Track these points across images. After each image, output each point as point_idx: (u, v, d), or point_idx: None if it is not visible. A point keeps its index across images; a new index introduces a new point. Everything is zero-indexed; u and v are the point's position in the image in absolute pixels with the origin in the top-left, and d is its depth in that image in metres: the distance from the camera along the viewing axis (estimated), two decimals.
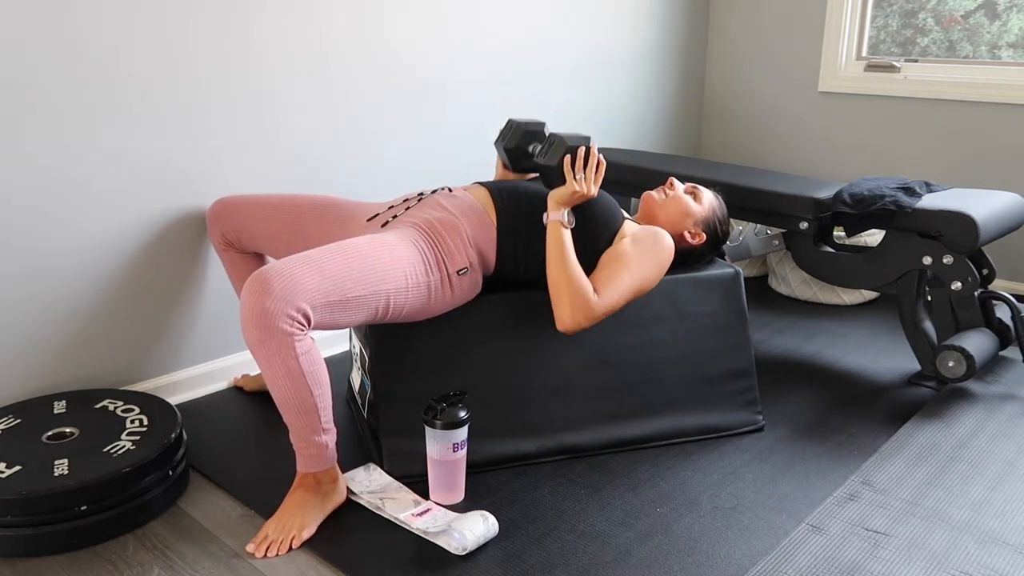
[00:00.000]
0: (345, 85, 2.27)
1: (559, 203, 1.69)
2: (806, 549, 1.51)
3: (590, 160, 1.68)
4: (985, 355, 2.06)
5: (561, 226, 1.68)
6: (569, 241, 1.68)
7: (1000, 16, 2.84)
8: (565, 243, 1.68)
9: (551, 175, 1.70)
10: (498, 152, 1.89)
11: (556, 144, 1.69)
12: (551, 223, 1.69)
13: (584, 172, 1.68)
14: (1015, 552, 1.51)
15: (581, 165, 1.67)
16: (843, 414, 2.04)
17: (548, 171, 1.70)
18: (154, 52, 1.89)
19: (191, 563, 1.48)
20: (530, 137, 1.84)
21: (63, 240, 1.84)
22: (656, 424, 1.88)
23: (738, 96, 3.43)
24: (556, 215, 1.69)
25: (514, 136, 1.84)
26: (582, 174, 1.68)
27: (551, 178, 1.71)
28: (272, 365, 1.45)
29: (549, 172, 1.70)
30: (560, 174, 1.69)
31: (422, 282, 1.61)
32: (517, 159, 1.86)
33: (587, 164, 1.69)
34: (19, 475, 1.51)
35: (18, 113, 1.73)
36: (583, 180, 1.68)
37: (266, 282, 1.43)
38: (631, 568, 1.46)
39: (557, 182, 1.70)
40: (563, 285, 1.66)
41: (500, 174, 2.00)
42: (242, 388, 2.17)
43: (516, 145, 1.84)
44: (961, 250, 2.08)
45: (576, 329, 1.66)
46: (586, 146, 1.69)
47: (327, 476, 1.59)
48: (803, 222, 2.29)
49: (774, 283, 3.00)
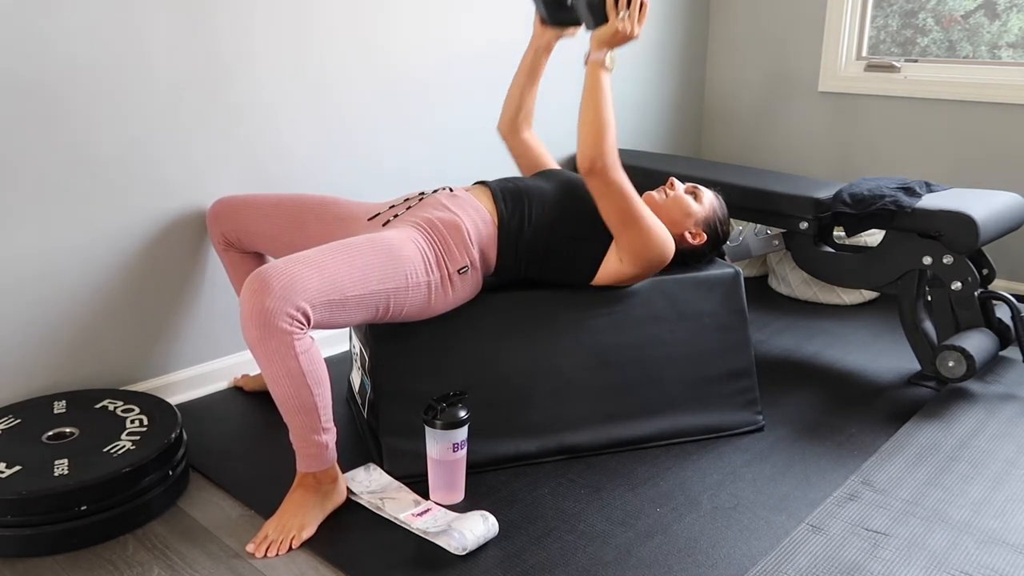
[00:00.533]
0: (343, 85, 2.27)
1: (601, 43, 1.64)
2: (806, 549, 1.51)
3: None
4: (985, 355, 2.06)
5: (601, 68, 1.63)
6: (608, 85, 1.63)
7: (1000, 16, 2.84)
8: (602, 85, 1.62)
9: (594, 13, 1.63)
10: (535, 6, 1.82)
11: None
12: (591, 64, 1.64)
13: (628, 9, 1.63)
14: (1015, 552, 1.51)
15: (625, 2, 1.62)
16: (843, 414, 2.04)
17: (590, 10, 1.63)
18: (154, 53, 1.89)
19: (191, 563, 1.48)
20: None
21: (63, 240, 1.84)
22: (656, 424, 1.88)
23: (738, 96, 3.43)
24: (597, 55, 1.64)
25: None
26: (625, 11, 1.63)
27: (594, 17, 1.64)
28: (272, 364, 1.45)
29: (592, 11, 1.63)
30: (603, 12, 1.63)
31: (422, 281, 1.61)
32: (555, 10, 1.79)
33: (631, 2, 1.63)
34: (19, 475, 1.51)
35: (19, 113, 1.73)
36: (627, 19, 1.63)
37: (266, 281, 1.43)
38: (631, 568, 1.46)
39: (600, 20, 1.64)
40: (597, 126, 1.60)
41: (537, 31, 1.91)
42: (242, 388, 2.17)
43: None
44: (961, 250, 2.08)
45: (591, 169, 1.61)
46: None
47: (327, 476, 1.59)
48: (803, 222, 2.29)
49: (774, 283, 3.00)
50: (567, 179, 1.84)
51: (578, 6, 1.67)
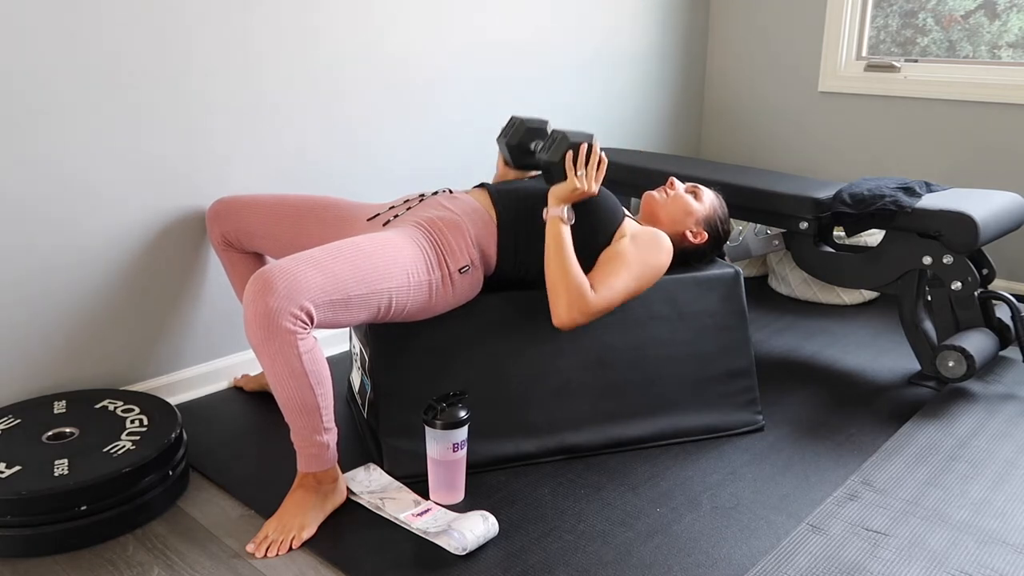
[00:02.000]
0: (345, 86, 2.27)
1: (559, 199, 1.70)
2: (806, 549, 1.51)
3: (592, 157, 1.69)
4: (985, 355, 2.06)
5: (560, 222, 1.68)
6: (568, 237, 1.69)
7: (1000, 16, 2.84)
8: (564, 239, 1.68)
9: (553, 171, 1.70)
10: (500, 148, 1.90)
11: (559, 140, 1.69)
12: (550, 218, 1.69)
13: (586, 169, 1.69)
14: (1015, 552, 1.51)
15: (583, 162, 1.68)
16: (843, 414, 2.04)
17: (550, 167, 1.70)
18: (155, 54, 1.89)
19: (191, 563, 1.48)
20: (533, 134, 1.84)
21: (63, 240, 1.84)
22: (656, 424, 1.88)
23: (738, 96, 3.43)
24: (556, 211, 1.69)
25: (517, 133, 1.84)
26: (584, 171, 1.68)
27: (553, 174, 1.71)
28: (275, 364, 1.45)
29: (551, 168, 1.70)
30: (562, 170, 1.69)
31: (423, 280, 1.61)
32: (519, 156, 1.86)
33: (588, 162, 1.69)
34: (19, 475, 1.51)
35: (20, 114, 1.73)
36: (584, 177, 1.68)
37: (269, 281, 1.43)
38: (631, 568, 1.46)
39: (559, 178, 1.70)
40: (560, 281, 1.66)
41: (501, 171, 2.00)
42: (242, 388, 2.17)
43: (519, 142, 1.84)
44: (961, 250, 2.08)
45: (571, 325, 1.67)
46: (588, 143, 1.69)
47: (327, 476, 1.59)
48: (803, 222, 2.29)
49: (774, 283, 3.00)
50: None
51: (540, 163, 1.74)
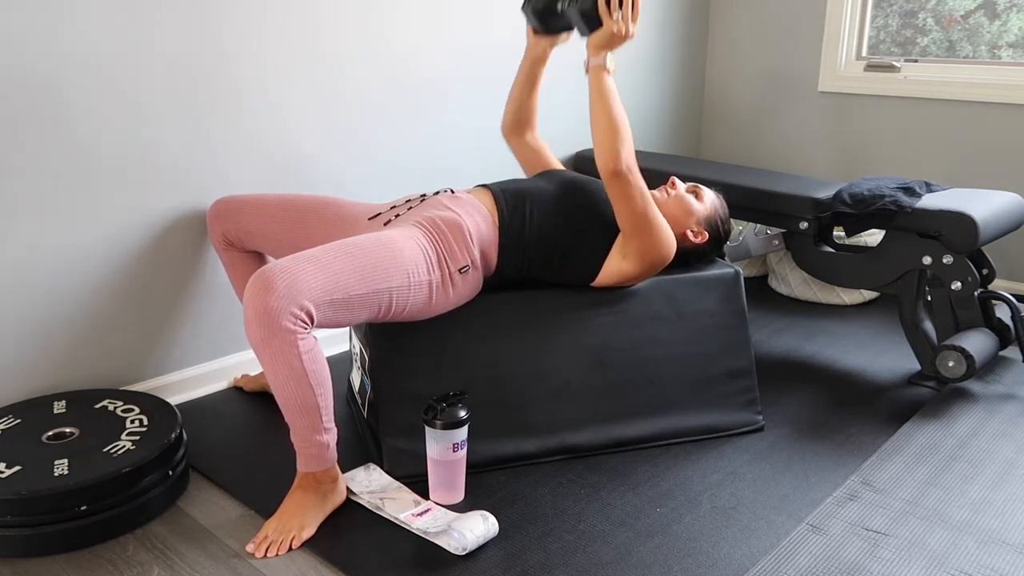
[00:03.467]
0: (346, 85, 2.27)
1: (599, 47, 1.65)
2: (806, 549, 1.51)
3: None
4: (985, 355, 2.06)
5: (603, 71, 1.63)
6: (613, 85, 1.63)
7: (1000, 16, 2.84)
8: (608, 86, 1.62)
9: (587, 19, 1.64)
10: (526, 18, 1.83)
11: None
12: (593, 69, 1.64)
13: (621, 10, 1.63)
14: (1015, 552, 1.51)
15: (617, 3, 1.63)
16: (843, 414, 2.04)
17: (584, 15, 1.64)
18: (155, 53, 1.89)
19: (191, 563, 1.48)
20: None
21: (63, 240, 1.84)
22: (656, 424, 1.88)
23: (738, 96, 3.43)
24: (597, 60, 1.64)
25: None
26: (619, 12, 1.63)
27: (588, 22, 1.65)
28: (275, 364, 1.45)
29: (585, 16, 1.64)
30: (596, 16, 1.63)
31: (424, 280, 1.61)
32: (547, 18, 1.79)
33: (622, 2, 1.64)
34: (19, 475, 1.51)
35: (20, 114, 1.73)
36: (620, 19, 1.63)
37: (269, 280, 1.43)
38: (631, 568, 1.46)
39: (595, 25, 1.65)
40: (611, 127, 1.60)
41: (532, 42, 1.91)
42: (242, 388, 2.17)
43: (545, 4, 1.77)
44: (961, 250, 2.08)
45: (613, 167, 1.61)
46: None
47: (327, 476, 1.59)
48: (803, 222, 2.29)
49: (774, 283, 3.00)
50: (568, 179, 1.84)
51: (570, 13, 1.67)
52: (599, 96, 1.63)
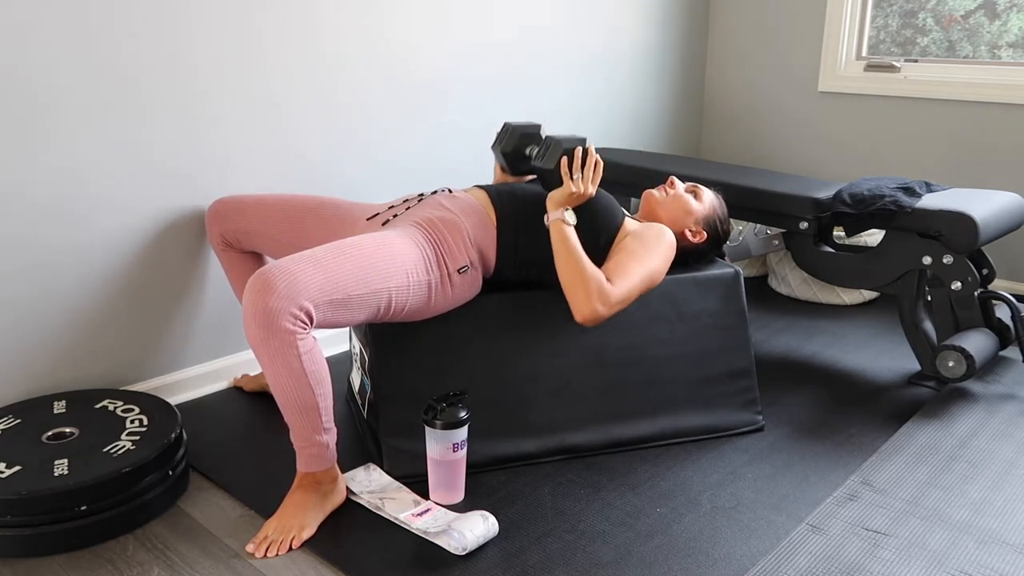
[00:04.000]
0: (345, 85, 2.27)
1: (558, 204, 1.70)
2: (806, 549, 1.51)
3: (587, 160, 1.69)
4: (985, 355, 2.06)
5: (563, 224, 1.68)
6: (574, 236, 1.68)
7: (1000, 16, 2.84)
8: (570, 238, 1.67)
9: (549, 177, 1.71)
10: (495, 156, 1.90)
11: (552, 147, 1.70)
12: (553, 223, 1.69)
13: (582, 172, 1.69)
14: (1015, 552, 1.51)
15: (579, 165, 1.68)
16: (843, 414, 2.04)
17: (546, 173, 1.71)
18: (155, 53, 1.89)
19: (191, 563, 1.48)
20: (527, 140, 1.84)
21: (63, 240, 1.84)
22: (656, 424, 1.88)
23: (738, 96, 3.43)
24: (556, 214, 1.69)
25: (511, 140, 1.84)
26: (580, 174, 1.68)
27: (549, 180, 1.71)
28: (274, 364, 1.45)
29: (547, 175, 1.71)
30: (558, 176, 1.69)
31: (423, 280, 1.61)
32: (515, 162, 1.86)
33: (584, 164, 1.69)
34: (19, 475, 1.51)
35: (21, 114, 1.73)
36: (580, 180, 1.68)
37: (269, 281, 1.43)
38: (631, 568, 1.46)
39: (555, 184, 1.71)
40: (577, 277, 1.64)
41: (499, 178, 1.99)
42: (242, 388, 2.17)
43: (513, 148, 1.84)
44: (961, 250, 2.08)
45: (595, 318, 1.64)
46: (583, 147, 1.69)
47: (327, 476, 1.59)
48: (803, 222, 2.29)
49: (774, 283, 3.00)
50: None
51: (535, 170, 1.74)
52: (561, 248, 1.67)
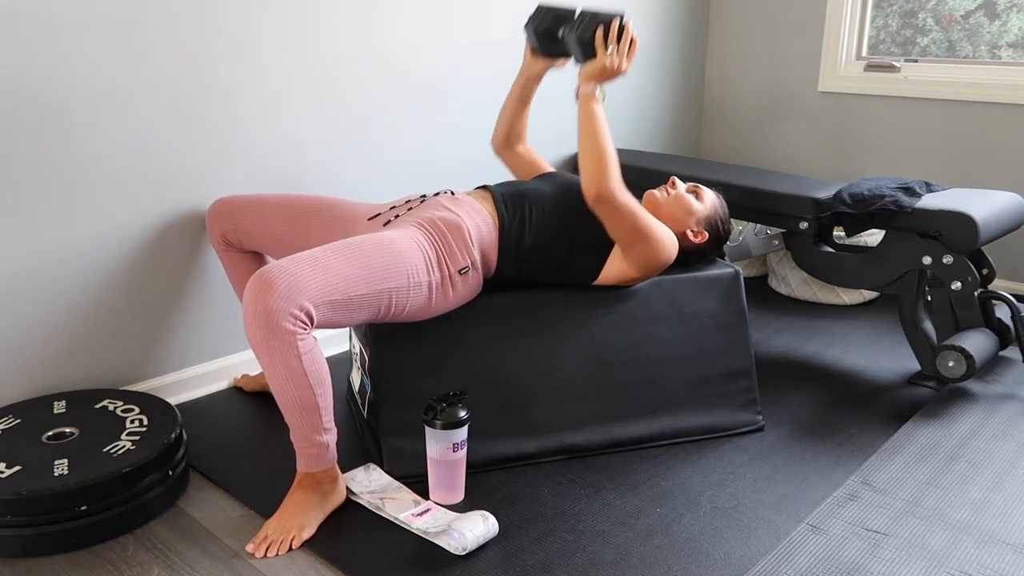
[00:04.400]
0: (345, 85, 2.27)
1: (591, 77, 1.67)
2: (806, 549, 1.51)
3: (624, 35, 1.66)
4: (985, 355, 2.06)
5: (593, 100, 1.65)
6: (602, 113, 1.65)
7: (1000, 16, 2.84)
8: (597, 114, 1.64)
9: (583, 48, 1.67)
10: (527, 37, 1.86)
11: (589, 19, 1.66)
12: (583, 97, 1.66)
13: (617, 46, 1.65)
14: (1015, 552, 1.51)
15: (614, 38, 1.65)
16: (843, 414, 2.04)
17: (580, 44, 1.67)
18: (154, 54, 1.89)
19: (191, 563, 1.48)
20: (560, 20, 1.79)
21: (63, 241, 1.84)
22: (656, 424, 1.88)
23: (738, 96, 3.43)
24: (587, 87, 1.66)
25: (544, 19, 1.80)
26: (615, 47, 1.65)
27: (583, 52, 1.68)
28: (274, 364, 1.45)
29: (581, 45, 1.67)
30: (592, 47, 1.66)
31: (423, 281, 1.61)
32: (546, 42, 1.82)
33: (620, 39, 1.66)
34: (19, 475, 1.51)
35: (18, 115, 1.73)
36: (615, 54, 1.65)
37: (269, 281, 1.43)
38: (631, 568, 1.46)
39: (589, 55, 1.67)
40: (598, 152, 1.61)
41: (528, 61, 1.94)
42: (242, 388, 2.17)
43: (546, 28, 1.80)
44: (961, 250, 2.08)
45: (599, 195, 1.62)
46: (620, 20, 1.66)
47: (327, 476, 1.59)
48: (803, 222, 2.29)
49: (774, 283, 3.00)
50: (567, 182, 1.84)
51: (568, 41, 1.70)
52: (586, 123, 1.65)
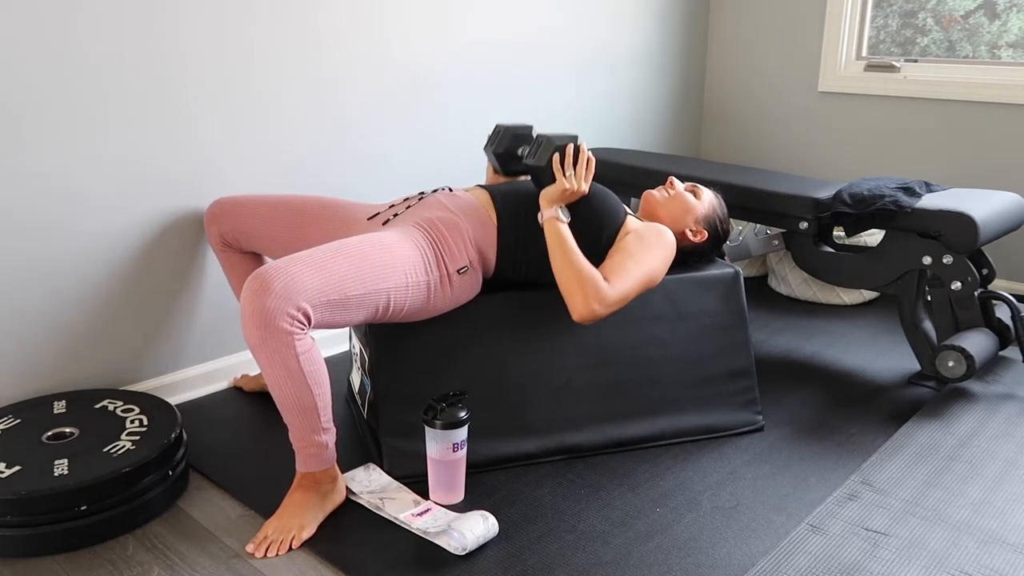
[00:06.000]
0: (343, 85, 2.27)
1: (551, 201, 1.70)
2: (806, 549, 1.51)
3: (579, 157, 1.70)
4: (985, 355, 2.06)
5: (557, 221, 1.68)
6: (568, 233, 1.68)
7: (1000, 16, 2.84)
8: (564, 236, 1.67)
9: (541, 175, 1.72)
10: (488, 157, 1.91)
11: (544, 144, 1.71)
12: (547, 221, 1.69)
13: (574, 169, 1.69)
14: (1015, 552, 1.51)
15: (571, 163, 1.69)
16: (843, 414, 2.04)
17: (538, 171, 1.72)
18: (152, 54, 1.89)
19: (191, 563, 1.48)
20: (518, 140, 1.85)
21: (63, 241, 1.84)
22: (656, 424, 1.88)
23: (738, 96, 3.43)
24: (550, 212, 1.69)
25: (502, 141, 1.85)
26: (572, 171, 1.69)
27: (541, 178, 1.73)
28: (272, 364, 1.45)
29: (539, 172, 1.72)
30: (550, 173, 1.70)
31: (422, 281, 1.61)
32: (507, 163, 1.88)
33: (576, 162, 1.70)
34: (19, 475, 1.51)
35: (17, 116, 1.73)
36: (573, 177, 1.69)
37: (266, 281, 1.43)
38: (631, 568, 1.46)
39: (547, 181, 1.72)
40: (572, 275, 1.64)
41: (491, 179, 2.01)
42: (242, 388, 2.16)
43: (505, 149, 1.86)
44: (961, 250, 2.08)
45: (592, 317, 1.63)
46: (575, 144, 1.70)
47: (326, 476, 1.59)
48: (803, 222, 2.29)
49: (774, 283, 3.00)
50: None
51: (527, 168, 1.75)
52: (557, 247, 1.67)
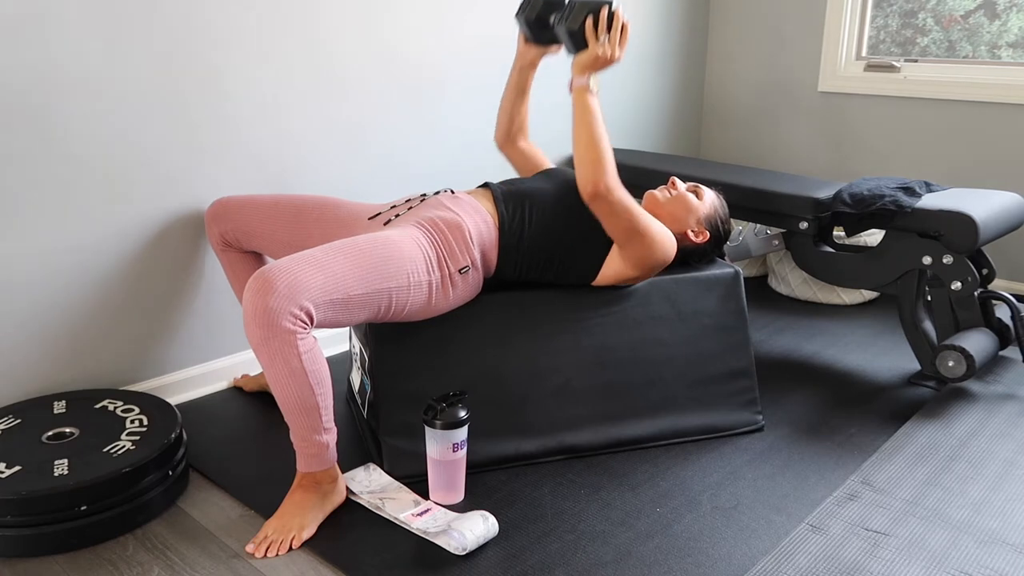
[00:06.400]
0: (346, 85, 2.27)
1: (583, 67, 1.65)
2: (806, 549, 1.51)
3: (614, 22, 1.63)
4: (985, 355, 2.06)
5: (587, 92, 1.63)
6: (597, 105, 1.62)
7: (1000, 16, 2.84)
8: (592, 109, 1.61)
9: (574, 39, 1.65)
10: (519, 25, 1.85)
11: (577, 8, 1.64)
12: (576, 90, 1.64)
13: (608, 34, 1.63)
14: (1015, 552, 1.51)
15: (604, 27, 1.63)
16: (843, 414, 2.04)
17: (571, 35, 1.65)
18: (152, 54, 1.89)
19: (191, 563, 1.48)
20: (551, 7, 1.78)
21: (63, 240, 1.84)
22: (656, 424, 1.88)
23: (738, 96, 3.43)
24: (581, 80, 1.64)
25: (534, 7, 1.79)
26: (606, 36, 1.63)
27: (574, 42, 1.66)
28: (274, 364, 1.45)
29: (572, 36, 1.65)
30: (583, 37, 1.64)
31: (423, 280, 1.61)
32: (538, 30, 1.81)
33: (611, 27, 1.63)
34: (19, 475, 1.51)
35: (15, 116, 1.73)
36: (607, 43, 1.63)
37: (269, 281, 1.43)
38: (631, 568, 1.46)
39: (580, 46, 1.65)
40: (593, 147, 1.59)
41: (521, 49, 1.92)
42: (242, 388, 2.17)
43: (537, 16, 1.79)
44: (961, 250, 2.08)
45: (594, 192, 1.59)
46: (609, 7, 1.63)
47: (327, 476, 1.59)
48: (803, 222, 2.29)
49: (774, 283, 3.00)
50: (569, 179, 1.84)
51: (558, 31, 1.68)
52: (582, 117, 1.62)
